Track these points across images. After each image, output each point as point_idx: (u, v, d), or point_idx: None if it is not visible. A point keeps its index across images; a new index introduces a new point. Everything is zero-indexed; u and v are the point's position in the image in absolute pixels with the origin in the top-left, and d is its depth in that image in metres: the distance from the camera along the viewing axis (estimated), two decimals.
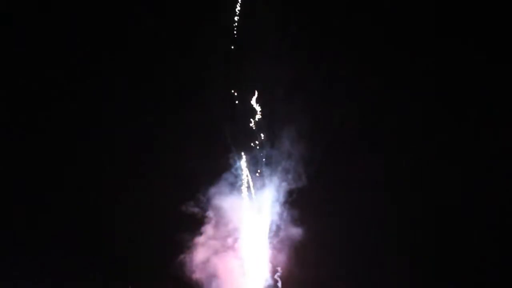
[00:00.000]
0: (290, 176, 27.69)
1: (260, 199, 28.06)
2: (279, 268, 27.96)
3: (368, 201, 28.58)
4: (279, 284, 27.85)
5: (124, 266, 28.54)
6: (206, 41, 28.89)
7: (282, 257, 27.97)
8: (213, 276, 27.65)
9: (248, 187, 28.06)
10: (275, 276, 27.91)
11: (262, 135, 27.99)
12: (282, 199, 27.91)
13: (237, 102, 28.17)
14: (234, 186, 27.97)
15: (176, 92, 29.25)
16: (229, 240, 27.93)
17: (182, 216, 27.62)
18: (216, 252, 27.67)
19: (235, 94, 28.14)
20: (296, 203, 27.87)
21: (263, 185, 28.02)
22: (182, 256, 27.57)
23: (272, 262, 28.07)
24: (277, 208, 27.93)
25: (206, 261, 27.56)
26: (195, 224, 27.78)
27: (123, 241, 28.50)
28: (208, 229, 27.75)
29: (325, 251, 28.00)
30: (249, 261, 27.98)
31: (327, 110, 28.27)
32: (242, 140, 28.06)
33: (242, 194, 28.01)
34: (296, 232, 27.66)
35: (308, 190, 27.76)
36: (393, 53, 29.05)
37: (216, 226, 27.84)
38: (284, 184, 27.77)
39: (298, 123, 27.35)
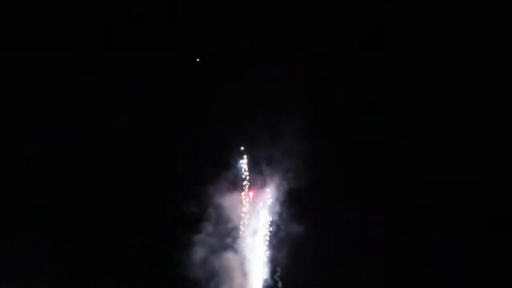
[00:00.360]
0: (291, 175, 27.61)
1: (261, 198, 27.99)
2: (278, 268, 27.90)
3: (368, 201, 28.58)
4: (279, 284, 27.80)
5: (124, 265, 28.52)
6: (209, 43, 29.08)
7: (282, 257, 27.93)
8: (212, 275, 27.55)
9: (249, 186, 28.02)
10: (275, 277, 27.86)
11: (263, 134, 27.97)
12: (282, 198, 27.87)
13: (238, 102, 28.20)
14: (235, 185, 27.91)
15: (176, 91, 29.22)
16: (229, 239, 27.85)
17: (182, 215, 27.55)
18: (215, 251, 27.58)
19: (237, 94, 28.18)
20: (297, 203, 27.85)
21: (264, 184, 27.95)
22: (182, 255, 27.46)
23: (272, 262, 28.00)
24: (278, 207, 27.89)
25: (206, 260, 27.47)
26: (196, 223, 27.70)
27: (123, 240, 28.49)
28: (208, 228, 27.64)
29: (326, 251, 28.10)
30: (249, 260, 27.93)
31: (329, 110, 28.33)
32: (243, 139, 28.07)
33: (243, 193, 27.96)
34: (296, 231, 27.61)
35: (308, 190, 27.76)
36: (394, 53, 29.07)
37: (216, 225, 27.74)
38: (284, 183, 27.70)
39: (299, 123, 27.34)
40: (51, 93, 30.11)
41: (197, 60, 27.94)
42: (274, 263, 28.02)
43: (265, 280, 27.93)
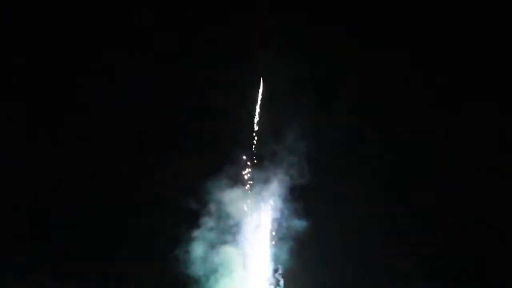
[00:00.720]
0: (293, 171, 27.50)
1: (263, 194, 27.88)
2: (279, 266, 27.72)
3: (371, 198, 28.58)
4: (281, 282, 27.62)
5: (124, 263, 28.42)
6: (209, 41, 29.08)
7: (283, 255, 27.78)
8: (213, 271, 27.39)
9: (251, 181, 27.92)
10: (276, 275, 27.69)
11: (266, 130, 27.93)
12: (284, 194, 27.75)
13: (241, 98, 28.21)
14: (237, 181, 27.79)
15: (179, 87, 29.20)
16: (230, 236, 27.66)
17: (183, 210, 27.36)
18: (217, 248, 27.39)
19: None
20: (299, 199, 27.76)
21: (266, 180, 27.84)
22: (182, 251, 27.31)
23: (273, 260, 27.84)
24: (280, 204, 27.76)
25: (207, 256, 27.29)
26: (197, 219, 27.48)
27: (123, 237, 28.42)
28: (210, 224, 27.44)
29: (328, 248, 28.03)
30: (250, 257, 27.74)
31: (331, 107, 28.38)
32: (246, 135, 28.06)
33: (245, 189, 27.85)
34: (298, 229, 27.46)
35: (311, 186, 27.68)
36: (394, 53, 29.17)
37: (218, 221, 27.55)
38: (287, 179, 27.58)
39: (302, 119, 27.35)
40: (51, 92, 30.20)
41: None
42: (275, 260, 27.85)
43: (267, 279, 27.74)
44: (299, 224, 27.18)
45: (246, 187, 27.76)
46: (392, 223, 28.37)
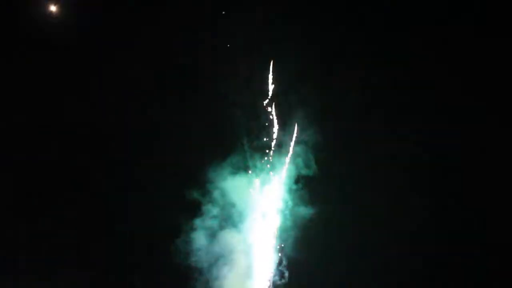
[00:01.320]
0: (299, 161, 27.54)
1: (268, 184, 27.84)
2: (284, 258, 27.58)
3: (377, 191, 28.65)
4: (286, 275, 27.47)
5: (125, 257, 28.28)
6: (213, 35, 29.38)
7: (288, 247, 27.68)
8: (217, 262, 27.24)
9: (257, 171, 27.92)
10: (281, 267, 27.54)
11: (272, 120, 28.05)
12: (290, 185, 27.74)
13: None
14: (242, 169, 27.80)
15: (183, 78, 29.40)
16: (235, 226, 27.56)
17: (186, 199, 27.31)
18: (220, 237, 27.27)
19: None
20: (305, 189, 27.77)
21: (272, 170, 27.85)
22: (185, 241, 27.18)
23: (278, 252, 27.71)
24: (285, 195, 27.72)
25: (210, 246, 27.18)
26: (200, 208, 27.45)
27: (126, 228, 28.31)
28: (213, 213, 27.38)
29: (332, 241, 27.96)
30: (255, 249, 27.62)
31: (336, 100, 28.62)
32: (252, 125, 28.18)
33: (250, 178, 27.84)
34: (304, 220, 27.42)
35: (316, 177, 27.73)
36: (399, 45, 29.53)
37: (222, 210, 27.49)
38: (292, 169, 27.60)
39: (308, 109, 27.50)
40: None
41: None
42: (280, 252, 27.73)
43: (271, 271, 27.59)
44: (305, 215, 27.22)
45: (252, 176, 27.80)
46: (399, 216, 28.29)
